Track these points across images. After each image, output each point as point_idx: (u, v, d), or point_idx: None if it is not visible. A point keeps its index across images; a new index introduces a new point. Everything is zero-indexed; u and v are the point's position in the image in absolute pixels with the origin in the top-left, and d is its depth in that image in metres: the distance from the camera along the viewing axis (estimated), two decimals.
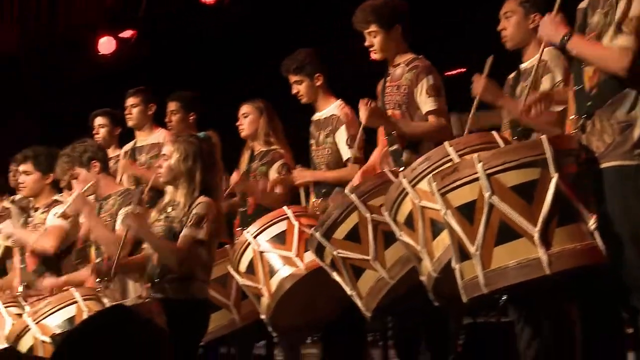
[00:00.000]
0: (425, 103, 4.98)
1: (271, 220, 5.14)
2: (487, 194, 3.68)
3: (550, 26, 3.89)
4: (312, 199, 5.59)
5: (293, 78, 5.64)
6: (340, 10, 5.42)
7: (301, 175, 5.64)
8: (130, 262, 5.03)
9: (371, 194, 4.52)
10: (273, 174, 5.93)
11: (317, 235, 4.59)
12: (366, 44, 5.08)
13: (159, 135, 6.53)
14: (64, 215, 5.41)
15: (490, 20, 4.63)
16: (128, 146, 6.73)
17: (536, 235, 3.60)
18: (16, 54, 9.73)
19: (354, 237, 4.52)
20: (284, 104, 5.94)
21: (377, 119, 4.90)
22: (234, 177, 5.81)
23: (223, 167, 5.08)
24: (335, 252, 4.56)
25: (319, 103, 5.67)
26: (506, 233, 3.65)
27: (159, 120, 6.73)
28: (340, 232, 4.56)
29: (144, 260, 4.90)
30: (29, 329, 5.05)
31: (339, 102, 5.65)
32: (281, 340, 5.99)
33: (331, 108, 5.63)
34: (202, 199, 4.75)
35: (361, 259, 4.50)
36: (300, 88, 5.64)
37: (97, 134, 6.85)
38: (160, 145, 6.28)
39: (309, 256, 4.92)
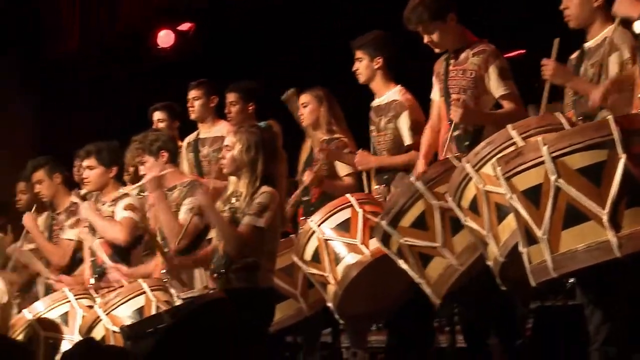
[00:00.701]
0: (498, 88, 4.93)
1: (335, 208, 5.15)
2: (553, 177, 3.65)
3: (626, 2, 3.86)
4: (374, 185, 5.57)
5: (356, 54, 5.62)
6: None
7: (364, 160, 5.57)
8: (199, 258, 5.09)
9: (437, 181, 4.50)
10: (339, 163, 5.94)
11: (383, 224, 4.59)
12: (425, 41, 5.05)
13: (222, 128, 6.56)
14: (131, 207, 5.50)
15: None
16: (190, 137, 6.77)
17: (605, 218, 3.56)
18: (77, 49, 9.86)
19: (421, 224, 4.51)
20: (345, 92, 5.94)
21: (471, 115, 4.86)
22: (308, 174, 5.82)
23: (286, 156, 5.10)
24: (401, 240, 4.55)
25: (377, 88, 5.64)
26: (574, 216, 3.63)
27: (220, 112, 6.76)
28: (407, 220, 4.54)
29: (212, 253, 4.95)
30: (100, 320, 5.13)
31: (399, 87, 5.61)
32: (347, 327, 6.01)
33: (391, 94, 5.60)
34: (264, 188, 4.76)
35: (429, 246, 4.48)
36: (359, 66, 5.61)
37: (157, 128, 6.90)
38: (223, 139, 6.31)
39: (374, 243, 4.92)
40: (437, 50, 5.09)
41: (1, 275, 5.43)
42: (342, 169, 5.93)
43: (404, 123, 5.50)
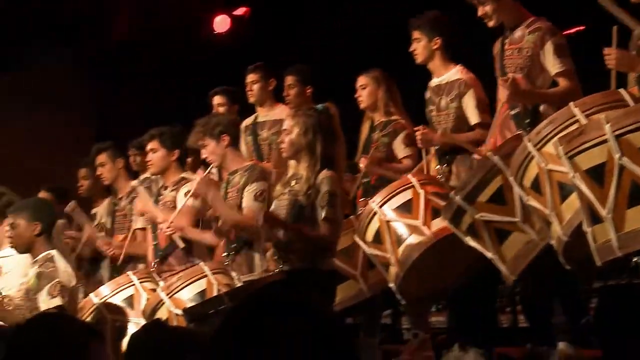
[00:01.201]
0: (554, 65, 4.86)
1: (396, 189, 5.13)
2: (616, 156, 3.60)
3: None
4: (435, 165, 5.54)
5: (413, 35, 5.59)
6: None
7: (427, 137, 5.48)
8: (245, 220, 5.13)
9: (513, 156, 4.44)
10: (398, 145, 5.92)
11: (457, 199, 4.53)
12: (479, 13, 4.99)
13: (281, 111, 6.58)
14: (193, 195, 5.56)
15: None
16: (248, 121, 6.80)
17: None
18: (134, 37, 9.94)
19: (499, 199, 4.44)
20: (402, 73, 5.91)
21: (521, 94, 4.81)
22: (363, 160, 5.82)
23: (344, 138, 5.10)
24: (477, 216, 4.49)
25: (436, 68, 5.60)
26: (639, 195, 3.58)
27: (278, 95, 6.78)
28: (484, 195, 4.47)
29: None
30: (163, 303, 5.20)
31: (459, 67, 5.56)
32: (408, 308, 6.00)
33: (451, 73, 5.55)
34: (325, 173, 4.75)
35: (508, 221, 4.42)
36: (417, 46, 5.59)
37: (216, 112, 6.94)
38: (282, 122, 6.33)
39: (436, 224, 4.90)
40: (490, 24, 5.02)
41: (68, 258, 5.52)
42: (401, 150, 5.92)
43: (469, 101, 5.44)
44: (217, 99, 6.97)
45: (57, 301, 4.91)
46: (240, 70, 6.87)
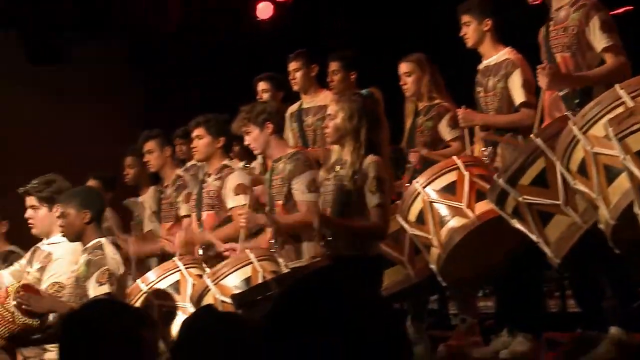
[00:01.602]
0: (600, 41, 4.77)
1: (440, 171, 5.11)
2: None
3: None
4: (480, 147, 5.51)
5: (462, 19, 5.55)
6: None
7: (469, 117, 5.45)
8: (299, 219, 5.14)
9: (557, 138, 4.40)
10: (443, 128, 5.89)
11: (501, 181, 4.51)
12: None
13: (325, 97, 6.57)
14: (242, 190, 5.57)
15: None
16: (293, 108, 6.80)
17: None
18: (178, 26, 9.98)
19: (542, 182, 4.42)
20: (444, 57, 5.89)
21: (559, 80, 4.76)
22: (413, 155, 5.80)
23: (388, 123, 5.08)
24: (520, 199, 4.47)
25: (485, 50, 5.55)
26: None
27: (322, 81, 6.78)
28: (527, 178, 4.46)
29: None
30: (209, 290, 5.22)
31: (508, 48, 5.51)
32: (455, 293, 5.99)
33: (501, 54, 5.50)
34: (371, 158, 4.73)
35: (550, 204, 4.40)
36: (467, 30, 5.54)
37: (261, 98, 6.95)
38: (327, 108, 6.33)
39: (481, 207, 4.87)
40: (532, 2, 4.96)
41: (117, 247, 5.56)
42: (447, 133, 5.88)
43: (515, 81, 5.38)
44: (261, 85, 6.97)
45: (106, 289, 4.95)
46: (285, 56, 6.87)
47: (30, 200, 5.29)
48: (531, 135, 4.50)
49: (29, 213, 5.31)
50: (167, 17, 9.76)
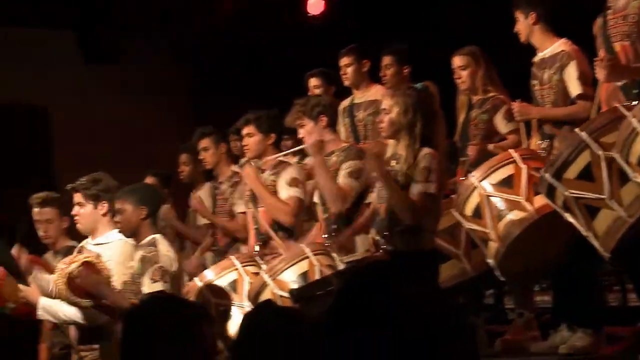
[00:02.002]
0: None
1: (497, 164, 5.07)
2: None
3: None
4: (537, 140, 5.44)
5: (515, 15, 5.51)
6: None
7: (525, 110, 5.42)
8: (358, 227, 5.14)
9: (603, 131, 4.36)
10: (499, 121, 5.83)
11: (547, 176, 4.48)
12: None
13: (377, 91, 6.56)
14: (295, 183, 5.57)
15: None
16: (345, 103, 6.80)
17: None
18: (228, 22, 10.02)
19: (587, 176, 4.39)
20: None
21: (618, 72, 4.69)
22: (471, 149, 5.76)
23: (444, 116, 5.04)
24: (567, 193, 4.43)
25: (538, 42, 5.49)
26: None
27: (373, 76, 6.75)
28: (572, 172, 4.42)
29: (372, 216, 4.96)
30: (267, 286, 5.23)
31: (563, 40, 5.44)
32: (512, 287, 5.93)
33: (556, 46, 5.44)
34: (425, 150, 4.72)
35: (596, 198, 4.35)
36: (518, 26, 5.50)
37: (312, 94, 6.95)
38: (378, 102, 6.31)
39: (539, 200, 4.82)
40: None
41: (172, 244, 5.59)
42: (504, 126, 5.82)
43: (571, 73, 5.31)
44: (313, 81, 6.97)
45: (159, 286, 4.96)
46: (336, 51, 6.86)
47: (77, 197, 5.34)
48: (576, 129, 4.45)
49: (75, 209, 5.36)
50: (214, 10, 9.79)
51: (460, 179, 5.76)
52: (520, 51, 5.63)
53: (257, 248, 5.81)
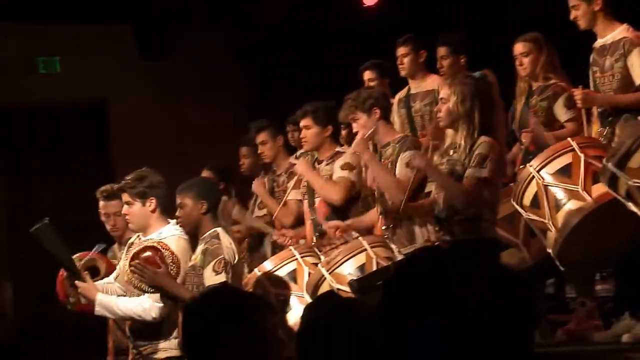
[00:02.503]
0: None
1: (555, 153, 5.03)
2: None
3: None
4: (597, 128, 5.38)
5: (570, 2, 5.44)
6: None
7: (589, 98, 5.33)
8: (417, 207, 5.11)
9: None
10: (559, 109, 5.76)
11: (610, 165, 4.44)
12: None
13: (433, 82, 6.53)
14: (348, 167, 5.58)
15: None
16: (401, 94, 6.78)
17: None
18: (282, 14, 10.03)
19: None
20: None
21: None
22: (525, 135, 5.71)
23: (503, 105, 5.01)
24: (630, 182, 4.38)
25: (600, 29, 5.42)
26: None
27: (429, 66, 6.72)
28: (635, 161, 4.38)
29: (431, 205, 4.95)
30: (325, 279, 5.25)
31: (625, 25, 5.36)
32: (573, 276, 5.88)
33: (616, 32, 5.37)
34: (483, 138, 4.71)
35: None
36: (577, 13, 5.42)
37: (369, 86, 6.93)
38: (435, 93, 6.29)
39: (597, 189, 4.78)
40: None
41: (231, 236, 5.64)
42: (563, 114, 5.76)
43: (635, 60, 5.24)
44: (367, 74, 6.95)
45: (222, 277, 5.01)
46: (391, 42, 6.83)
47: (125, 197, 5.36)
48: (639, 117, 4.38)
49: (124, 209, 5.37)
50: (272, 7, 9.82)
51: (520, 167, 5.73)
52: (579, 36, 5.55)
53: (314, 239, 5.84)
